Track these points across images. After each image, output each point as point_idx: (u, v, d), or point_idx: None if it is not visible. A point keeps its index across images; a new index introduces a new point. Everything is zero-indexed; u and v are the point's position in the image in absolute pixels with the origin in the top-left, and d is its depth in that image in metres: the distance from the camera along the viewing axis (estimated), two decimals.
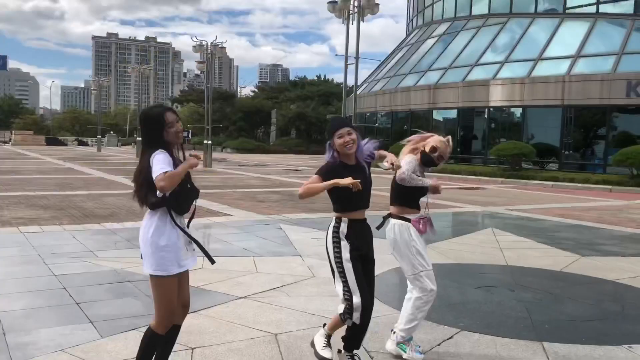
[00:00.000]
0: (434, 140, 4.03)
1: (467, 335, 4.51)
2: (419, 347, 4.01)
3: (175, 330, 3.34)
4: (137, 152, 38.82)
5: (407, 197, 3.97)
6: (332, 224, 3.67)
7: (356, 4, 18.89)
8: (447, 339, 4.42)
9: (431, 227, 4.00)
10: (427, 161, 4.05)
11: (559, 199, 16.92)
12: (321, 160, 3.81)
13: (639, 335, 4.63)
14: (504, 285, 6.18)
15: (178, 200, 3.14)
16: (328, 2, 19.38)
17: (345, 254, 3.58)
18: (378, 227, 4.00)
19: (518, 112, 28.60)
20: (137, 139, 39.46)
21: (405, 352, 3.96)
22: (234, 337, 4.32)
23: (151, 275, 3.18)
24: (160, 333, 3.23)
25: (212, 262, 3.31)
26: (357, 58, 18.17)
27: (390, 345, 4.07)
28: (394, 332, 4.07)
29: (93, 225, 9.27)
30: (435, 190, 3.95)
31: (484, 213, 13.02)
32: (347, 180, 3.39)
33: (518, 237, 9.53)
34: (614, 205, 15.80)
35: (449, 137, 4.14)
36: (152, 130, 3.12)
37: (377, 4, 19.04)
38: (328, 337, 3.78)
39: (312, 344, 3.81)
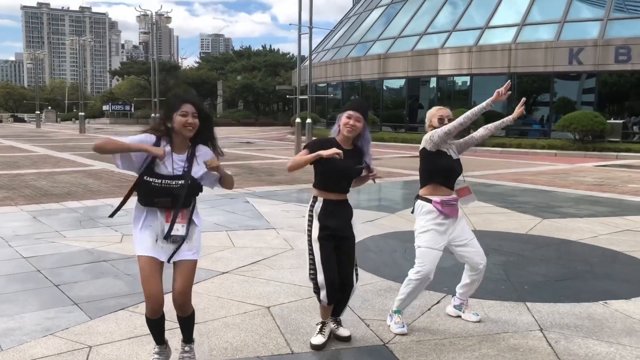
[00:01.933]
0: (429, 116, 4.08)
1: None
2: (402, 323, 3.98)
3: (180, 319, 3.32)
4: (80, 128, 37.45)
5: (430, 180, 4.02)
6: (310, 202, 3.72)
7: None
8: (436, 304, 4.55)
9: (450, 208, 3.96)
10: None
11: (509, 165, 17.51)
12: (272, 131, 3.89)
13: (611, 292, 4.90)
14: None
15: (140, 190, 3.08)
16: None
17: (315, 232, 3.64)
18: (412, 212, 4.12)
19: (465, 80, 29.13)
20: (80, 114, 37.97)
21: (390, 321, 4.05)
22: (226, 312, 4.30)
23: None
24: (148, 316, 3.18)
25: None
26: (310, 28, 17.98)
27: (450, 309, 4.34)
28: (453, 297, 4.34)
29: (52, 205, 8.93)
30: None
31: None
32: (330, 151, 3.45)
33: (479, 202, 9.78)
34: (561, 169, 16.48)
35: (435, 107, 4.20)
36: (165, 108, 3.10)
37: None
38: (322, 324, 3.78)
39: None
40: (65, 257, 5.83)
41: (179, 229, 3.13)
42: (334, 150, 3.46)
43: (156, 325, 3.26)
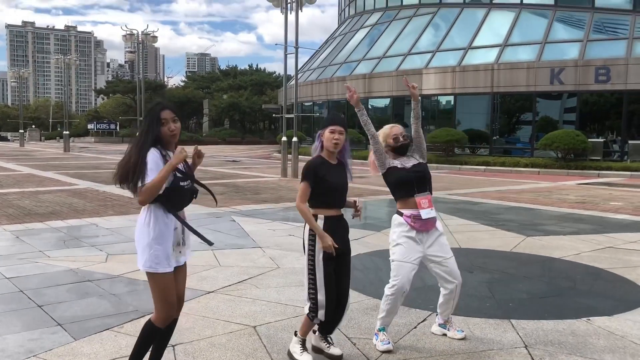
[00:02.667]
0: (383, 137, 4.19)
1: None
2: (387, 340, 4.00)
3: (172, 323, 3.32)
4: (64, 147, 37.20)
5: (395, 196, 4.14)
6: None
7: None
8: (422, 322, 4.57)
9: (421, 222, 4.01)
10: (399, 148, 4.16)
11: (493, 183, 17.66)
12: (258, 150, 3.91)
13: (594, 308, 4.96)
14: (462, 268, 6.32)
15: (169, 196, 3.09)
16: None
17: (319, 254, 3.64)
18: None
19: (449, 99, 29.49)
20: (65, 132, 37.73)
21: (375, 339, 4.06)
22: (212, 332, 4.28)
23: (146, 272, 3.14)
24: (159, 327, 3.21)
25: (210, 243, 3.50)
26: (296, 47, 18.14)
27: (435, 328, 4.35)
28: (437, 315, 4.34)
29: (36, 224, 8.84)
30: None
31: None
32: (328, 243, 3.57)
33: (464, 220, 9.90)
34: (544, 187, 16.66)
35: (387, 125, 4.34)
36: (147, 124, 3.10)
37: None
38: (303, 342, 3.80)
39: (290, 354, 3.79)
40: (49, 277, 5.78)
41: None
42: (329, 243, 3.57)
43: (160, 334, 3.27)
